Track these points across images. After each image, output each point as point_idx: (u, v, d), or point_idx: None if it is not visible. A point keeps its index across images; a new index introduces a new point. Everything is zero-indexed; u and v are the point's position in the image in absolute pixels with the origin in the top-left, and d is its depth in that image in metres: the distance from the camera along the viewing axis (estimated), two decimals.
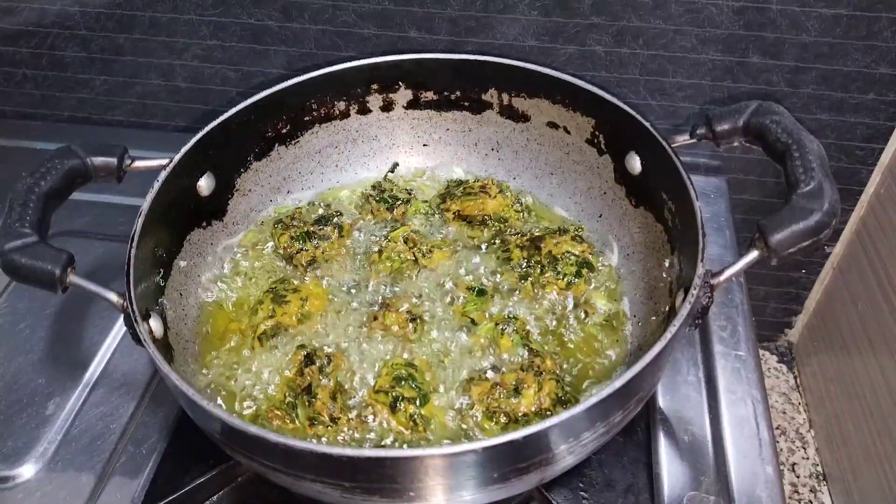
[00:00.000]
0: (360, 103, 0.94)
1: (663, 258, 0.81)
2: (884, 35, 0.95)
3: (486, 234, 0.91)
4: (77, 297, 0.87)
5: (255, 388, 0.77)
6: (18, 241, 0.65)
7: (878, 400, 1.10)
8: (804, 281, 1.28)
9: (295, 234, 0.88)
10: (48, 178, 0.70)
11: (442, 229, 0.92)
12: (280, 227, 0.89)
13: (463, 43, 1.04)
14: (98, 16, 1.09)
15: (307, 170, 0.96)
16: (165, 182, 0.77)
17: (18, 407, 0.82)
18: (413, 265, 0.86)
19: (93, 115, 1.23)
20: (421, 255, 0.86)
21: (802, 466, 1.27)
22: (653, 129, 0.78)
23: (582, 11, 0.98)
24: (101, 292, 0.67)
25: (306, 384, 0.74)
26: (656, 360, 0.61)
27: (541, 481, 0.66)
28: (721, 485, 0.75)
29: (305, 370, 0.75)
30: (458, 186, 0.95)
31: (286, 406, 0.73)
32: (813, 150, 0.67)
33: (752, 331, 0.90)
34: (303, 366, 0.75)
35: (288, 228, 0.88)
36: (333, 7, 1.02)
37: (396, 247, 0.87)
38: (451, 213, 0.92)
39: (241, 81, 1.14)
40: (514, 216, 0.92)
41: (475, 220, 0.91)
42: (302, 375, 0.75)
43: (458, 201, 0.93)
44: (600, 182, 0.90)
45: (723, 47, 0.99)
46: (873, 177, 1.11)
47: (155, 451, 0.79)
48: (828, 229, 0.63)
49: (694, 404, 0.82)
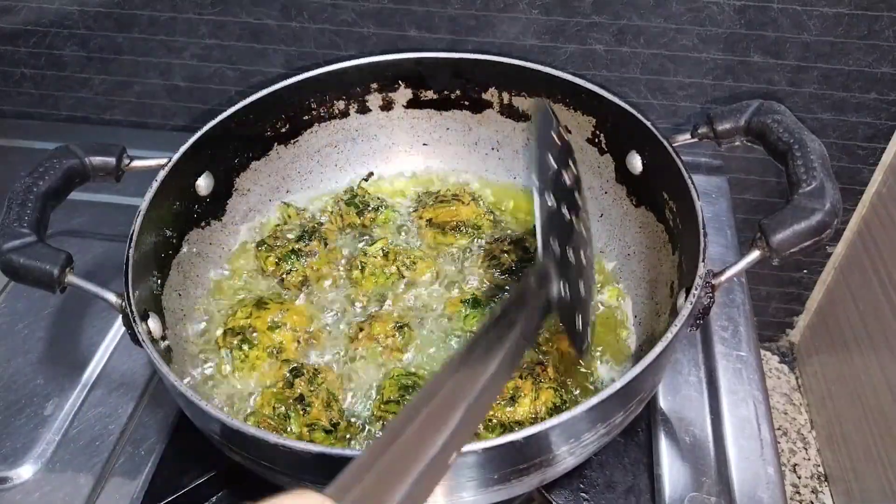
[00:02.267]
0: (359, 102, 0.94)
1: (664, 258, 0.80)
2: (885, 34, 0.95)
3: (462, 240, 0.89)
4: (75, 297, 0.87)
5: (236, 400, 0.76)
6: (17, 240, 0.65)
7: (880, 400, 1.10)
8: (806, 281, 1.28)
9: (280, 254, 0.86)
10: (46, 177, 0.70)
11: (416, 238, 0.91)
12: (264, 248, 0.87)
13: (463, 42, 1.04)
14: (97, 15, 1.09)
15: (306, 169, 0.96)
16: (164, 182, 0.77)
17: (17, 407, 0.82)
18: (398, 279, 0.85)
19: (91, 115, 1.23)
20: (405, 267, 0.85)
21: (804, 467, 1.27)
22: (654, 128, 0.78)
23: (582, 10, 0.98)
24: (99, 292, 0.67)
25: (297, 395, 0.73)
26: (657, 361, 0.61)
27: (541, 482, 0.66)
28: (722, 486, 0.74)
29: (295, 381, 0.74)
30: (431, 195, 0.94)
31: (277, 417, 0.72)
32: (814, 149, 0.67)
33: (753, 331, 0.90)
34: (292, 378, 0.74)
35: (272, 249, 0.86)
36: (333, 6, 1.02)
37: (377, 261, 0.85)
38: (423, 221, 0.91)
39: (240, 80, 1.14)
40: (487, 224, 0.91)
41: (447, 226, 0.90)
42: (291, 387, 0.74)
43: (430, 209, 0.92)
44: (601, 182, 0.90)
45: (724, 46, 0.99)
46: (875, 176, 1.10)
47: (154, 452, 0.78)
48: (829, 229, 0.63)
49: (695, 405, 0.82)
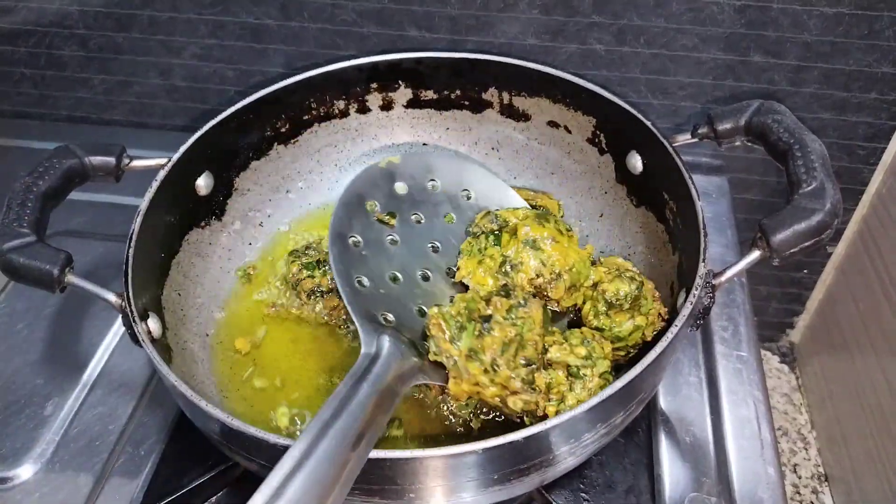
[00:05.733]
0: (359, 102, 0.94)
1: (664, 258, 0.80)
2: (885, 34, 0.95)
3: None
4: (75, 297, 0.87)
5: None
6: (16, 240, 0.65)
7: (880, 400, 1.09)
8: (806, 281, 1.28)
9: (306, 262, 0.85)
10: (46, 177, 0.70)
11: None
12: (294, 255, 0.87)
13: (463, 42, 1.04)
14: (96, 15, 1.09)
15: (306, 169, 0.96)
16: (164, 181, 0.77)
17: (16, 408, 0.82)
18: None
19: (91, 115, 1.23)
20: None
21: (804, 467, 1.27)
22: (654, 128, 0.78)
23: (583, 10, 0.98)
24: (99, 292, 0.67)
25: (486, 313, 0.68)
26: (658, 361, 0.61)
27: (541, 483, 0.66)
28: (723, 486, 0.74)
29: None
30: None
31: (453, 324, 0.67)
32: (815, 149, 0.67)
33: (753, 331, 0.90)
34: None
35: (300, 257, 0.86)
36: (333, 6, 1.02)
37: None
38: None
39: (239, 80, 1.14)
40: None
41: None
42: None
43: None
44: (601, 182, 0.89)
45: (724, 46, 0.99)
46: (875, 176, 1.10)
47: (154, 452, 0.78)
48: (830, 229, 0.63)
49: (695, 405, 0.82)
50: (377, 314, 0.72)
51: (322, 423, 0.53)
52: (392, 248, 0.80)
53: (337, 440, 0.52)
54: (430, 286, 0.79)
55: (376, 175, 0.84)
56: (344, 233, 0.78)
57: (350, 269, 0.75)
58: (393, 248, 0.80)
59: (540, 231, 0.76)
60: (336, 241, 0.76)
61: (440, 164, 0.89)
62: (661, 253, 0.82)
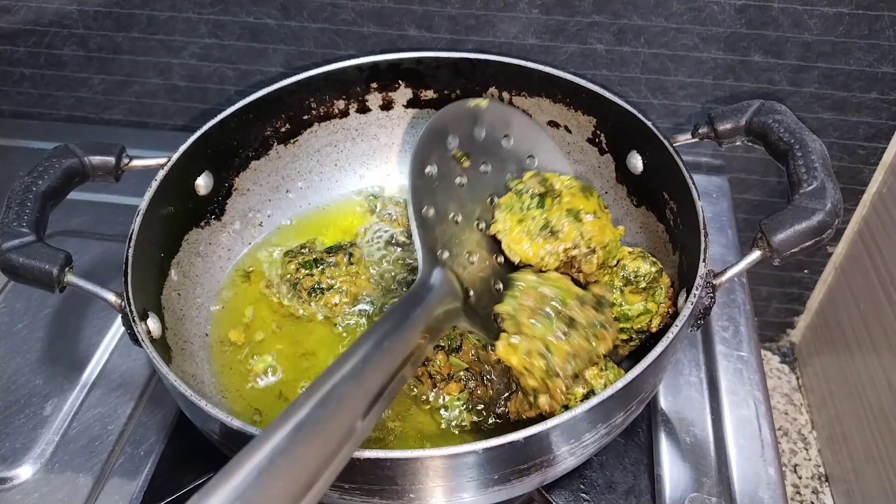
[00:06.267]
0: (359, 102, 0.94)
1: (665, 258, 0.80)
2: (886, 34, 0.94)
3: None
4: (75, 296, 0.87)
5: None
6: (16, 240, 0.65)
7: (881, 400, 1.09)
8: (806, 281, 1.28)
9: (303, 261, 0.86)
10: (46, 177, 0.70)
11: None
12: (289, 255, 0.87)
13: (463, 41, 1.04)
14: (96, 14, 1.09)
15: (306, 169, 0.96)
16: (163, 181, 0.77)
17: (16, 408, 0.82)
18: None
19: (90, 114, 1.23)
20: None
21: (804, 467, 1.27)
22: (654, 128, 0.77)
23: (583, 10, 0.98)
24: (98, 292, 0.67)
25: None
26: (658, 361, 0.60)
27: (542, 483, 0.66)
28: (723, 486, 0.74)
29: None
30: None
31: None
32: (815, 149, 0.67)
33: (754, 331, 0.89)
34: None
35: (296, 256, 0.86)
36: (332, 5, 1.02)
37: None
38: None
39: (239, 80, 1.14)
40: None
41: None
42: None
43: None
44: (602, 182, 0.89)
45: (725, 46, 0.99)
46: (875, 176, 1.10)
47: (153, 452, 0.78)
48: (830, 229, 0.63)
49: (696, 405, 0.82)
50: (436, 248, 0.71)
51: (381, 334, 0.55)
52: (458, 189, 0.79)
53: (389, 355, 0.54)
54: (482, 237, 0.78)
55: (463, 113, 0.82)
56: (425, 159, 0.76)
57: (422, 196, 0.74)
58: (459, 189, 0.79)
59: (585, 203, 0.76)
60: (416, 164, 0.75)
61: (518, 123, 0.87)
62: (661, 253, 0.82)
